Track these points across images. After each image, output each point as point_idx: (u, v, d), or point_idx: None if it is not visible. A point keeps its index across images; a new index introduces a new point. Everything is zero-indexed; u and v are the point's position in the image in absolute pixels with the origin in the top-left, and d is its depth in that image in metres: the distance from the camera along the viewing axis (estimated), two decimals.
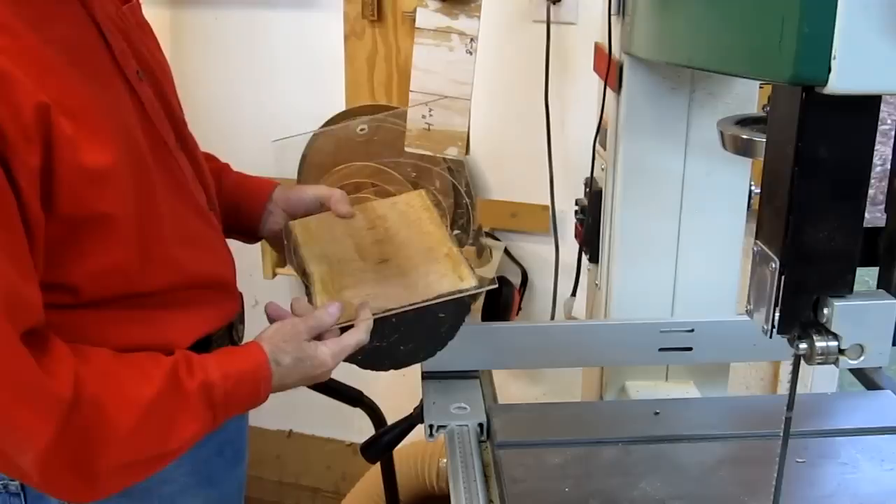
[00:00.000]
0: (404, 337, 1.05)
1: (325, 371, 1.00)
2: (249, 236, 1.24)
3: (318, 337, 1.01)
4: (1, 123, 0.75)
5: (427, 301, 1.04)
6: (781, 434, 0.77)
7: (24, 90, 0.77)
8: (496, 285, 1.08)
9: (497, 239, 2.10)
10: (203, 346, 1.00)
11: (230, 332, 1.09)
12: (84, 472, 0.85)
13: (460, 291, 1.05)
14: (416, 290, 1.06)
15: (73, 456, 0.84)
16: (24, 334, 0.80)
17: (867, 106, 0.66)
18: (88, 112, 0.84)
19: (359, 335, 1.01)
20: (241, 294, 1.13)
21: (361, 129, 1.22)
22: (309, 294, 1.10)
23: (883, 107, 0.68)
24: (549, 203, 1.93)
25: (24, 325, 0.80)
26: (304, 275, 1.15)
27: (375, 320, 1.03)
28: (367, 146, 1.87)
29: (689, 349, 1.22)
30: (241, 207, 1.21)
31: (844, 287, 0.71)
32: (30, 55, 0.79)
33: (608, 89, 1.29)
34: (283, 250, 1.25)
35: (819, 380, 1.84)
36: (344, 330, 1.02)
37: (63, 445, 0.82)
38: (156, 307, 0.96)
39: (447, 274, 1.08)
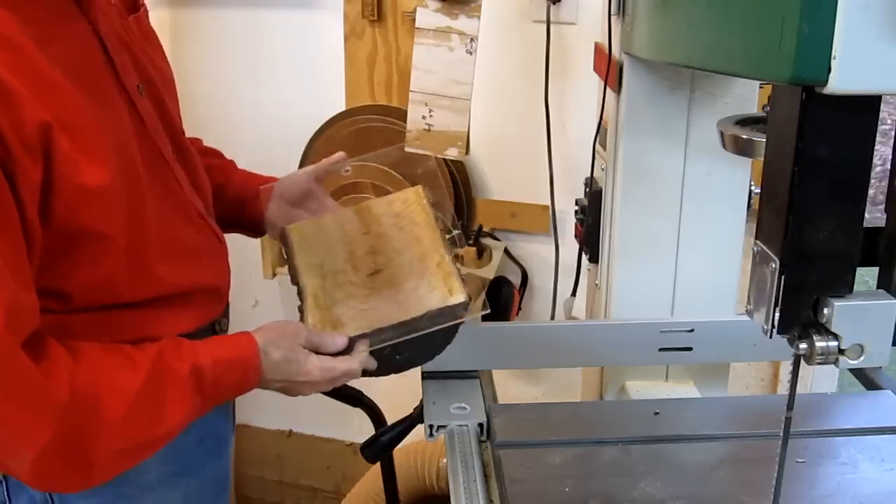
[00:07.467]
0: (399, 349, 1.07)
1: (307, 382, 1.02)
2: (253, 231, 1.29)
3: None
4: (6, 138, 0.76)
5: (417, 331, 1.04)
6: (781, 434, 0.78)
7: (28, 107, 0.78)
8: (488, 310, 1.09)
9: (497, 239, 2.10)
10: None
11: (212, 327, 1.10)
12: (78, 464, 0.86)
13: (451, 309, 1.05)
14: (407, 306, 1.07)
15: (68, 452, 0.85)
16: (23, 341, 0.80)
17: (867, 106, 0.66)
18: (87, 130, 0.84)
19: (350, 365, 1.03)
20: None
21: (346, 171, 1.28)
22: (301, 307, 1.12)
23: (883, 107, 0.68)
24: (549, 203, 1.93)
25: (25, 333, 0.81)
26: (297, 285, 1.16)
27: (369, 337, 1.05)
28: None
29: (689, 349, 1.22)
30: (246, 203, 1.24)
31: (844, 287, 0.71)
32: (33, 72, 0.80)
33: (608, 89, 1.29)
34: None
35: (819, 380, 1.84)
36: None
37: (59, 444, 0.83)
38: (144, 309, 0.97)
39: (437, 287, 1.08)
